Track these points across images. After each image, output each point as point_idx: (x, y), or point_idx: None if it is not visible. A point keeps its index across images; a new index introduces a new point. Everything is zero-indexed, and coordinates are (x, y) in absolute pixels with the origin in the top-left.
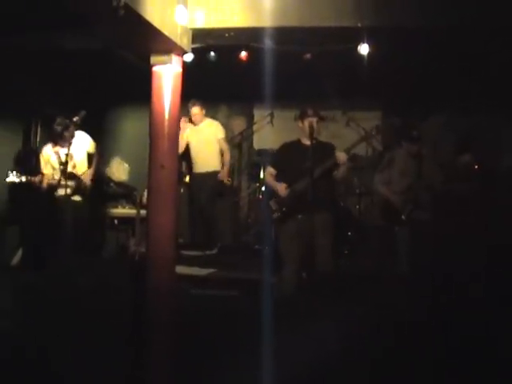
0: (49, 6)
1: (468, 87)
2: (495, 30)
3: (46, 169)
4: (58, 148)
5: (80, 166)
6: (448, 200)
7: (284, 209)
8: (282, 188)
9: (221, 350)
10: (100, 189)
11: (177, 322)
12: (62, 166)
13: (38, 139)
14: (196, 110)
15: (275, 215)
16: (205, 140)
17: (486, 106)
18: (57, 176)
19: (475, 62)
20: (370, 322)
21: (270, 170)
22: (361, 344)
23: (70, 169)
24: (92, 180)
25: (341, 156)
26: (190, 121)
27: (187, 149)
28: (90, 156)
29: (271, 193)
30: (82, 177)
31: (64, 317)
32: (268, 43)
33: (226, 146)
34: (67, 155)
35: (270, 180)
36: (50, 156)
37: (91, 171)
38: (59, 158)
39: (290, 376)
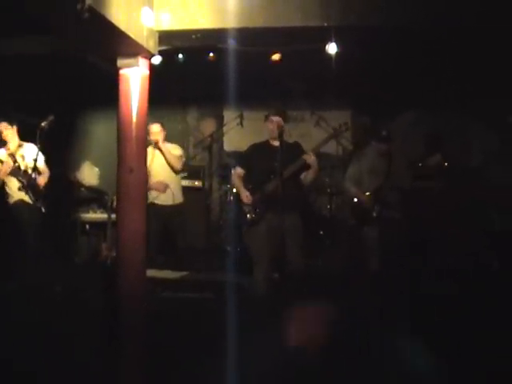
0: (11, 10)
1: (437, 86)
2: (465, 27)
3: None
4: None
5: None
6: (417, 198)
7: (257, 210)
8: (244, 195)
9: (190, 353)
10: (70, 194)
11: (148, 325)
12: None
13: None
14: (156, 128)
15: (248, 217)
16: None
17: (455, 105)
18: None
19: (443, 60)
20: (340, 321)
21: (239, 170)
22: (329, 344)
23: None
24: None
25: (309, 157)
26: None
27: None
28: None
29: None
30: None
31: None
32: (235, 44)
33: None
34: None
35: (237, 182)
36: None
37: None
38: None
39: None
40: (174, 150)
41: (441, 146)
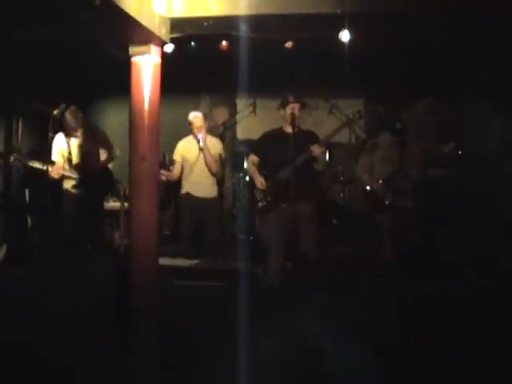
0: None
1: (452, 74)
2: (476, 16)
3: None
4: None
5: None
6: (430, 187)
7: (268, 198)
8: (259, 181)
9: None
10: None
11: (160, 314)
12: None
13: (19, 134)
14: (198, 121)
15: (260, 205)
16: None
17: (470, 93)
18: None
19: (459, 48)
20: (352, 311)
21: (253, 157)
22: (341, 334)
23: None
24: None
25: (315, 149)
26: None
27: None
28: None
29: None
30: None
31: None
32: (248, 32)
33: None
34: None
35: (252, 168)
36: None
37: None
38: (69, 147)
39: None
40: (215, 148)
41: (455, 134)
